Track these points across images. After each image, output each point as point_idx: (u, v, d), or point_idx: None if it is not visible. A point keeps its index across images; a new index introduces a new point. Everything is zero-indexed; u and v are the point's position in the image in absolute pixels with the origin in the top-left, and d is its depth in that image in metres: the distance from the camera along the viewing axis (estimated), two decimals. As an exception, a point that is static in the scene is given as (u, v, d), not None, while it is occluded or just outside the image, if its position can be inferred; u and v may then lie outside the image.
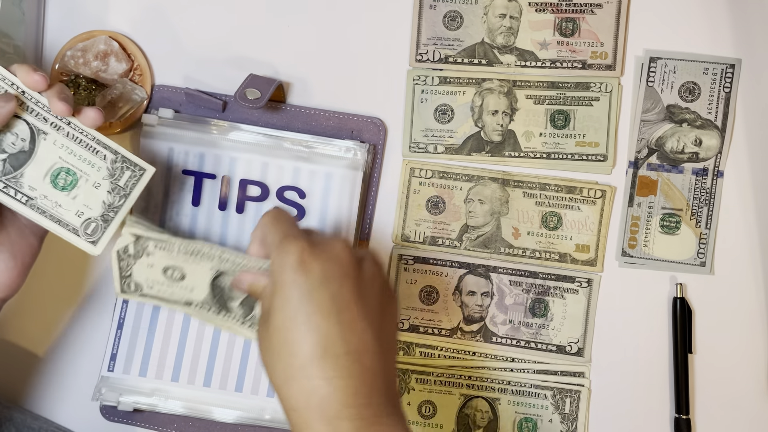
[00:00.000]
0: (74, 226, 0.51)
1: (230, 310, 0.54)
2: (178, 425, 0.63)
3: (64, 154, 0.50)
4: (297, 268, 0.42)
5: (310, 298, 0.41)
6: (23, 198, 0.50)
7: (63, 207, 0.50)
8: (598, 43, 0.64)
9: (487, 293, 0.64)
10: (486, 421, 0.63)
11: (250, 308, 0.53)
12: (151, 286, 0.54)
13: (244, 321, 0.54)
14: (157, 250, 0.52)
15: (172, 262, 0.52)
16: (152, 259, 0.52)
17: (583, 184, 0.64)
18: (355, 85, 0.65)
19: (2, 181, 0.49)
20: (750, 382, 0.63)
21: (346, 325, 0.41)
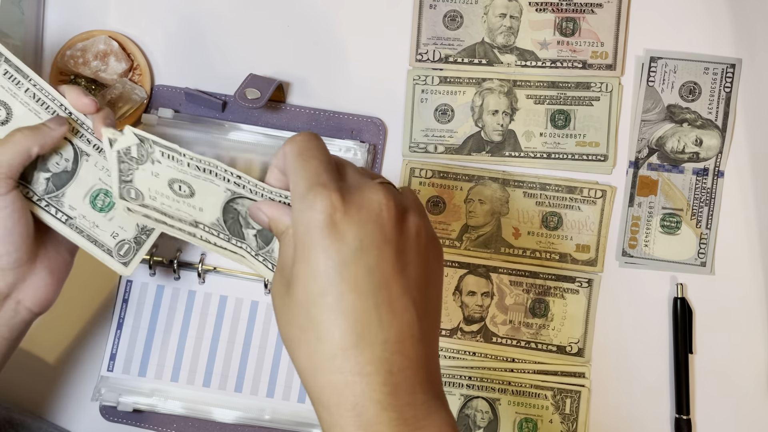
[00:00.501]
0: (108, 247, 0.51)
1: (244, 238, 0.46)
2: (177, 425, 0.62)
3: (104, 176, 0.51)
4: (327, 231, 0.34)
5: (343, 272, 0.33)
6: (63, 217, 0.50)
7: (100, 228, 0.51)
8: (599, 43, 0.64)
9: (487, 293, 0.64)
10: (486, 422, 0.63)
11: (266, 240, 0.45)
12: (154, 198, 0.48)
13: (258, 253, 0.46)
14: (165, 159, 0.46)
15: (180, 176, 0.46)
16: (158, 168, 0.47)
17: (584, 184, 0.63)
18: (355, 85, 0.65)
19: (44, 199, 0.50)
20: (750, 382, 0.63)
21: (385, 306, 0.34)
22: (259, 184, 0.43)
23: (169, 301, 0.63)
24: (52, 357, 0.64)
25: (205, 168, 0.45)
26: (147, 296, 0.63)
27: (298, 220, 0.35)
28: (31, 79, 0.49)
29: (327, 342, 0.33)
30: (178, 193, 0.47)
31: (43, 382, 0.64)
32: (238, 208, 0.46)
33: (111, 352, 0.62)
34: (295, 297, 0.34)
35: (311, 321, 0.34)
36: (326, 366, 0.33)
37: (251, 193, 0.44)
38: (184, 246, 0.63)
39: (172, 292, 0.63)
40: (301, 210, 0.35)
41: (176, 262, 0.62)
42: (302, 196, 0.35)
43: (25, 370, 0.64)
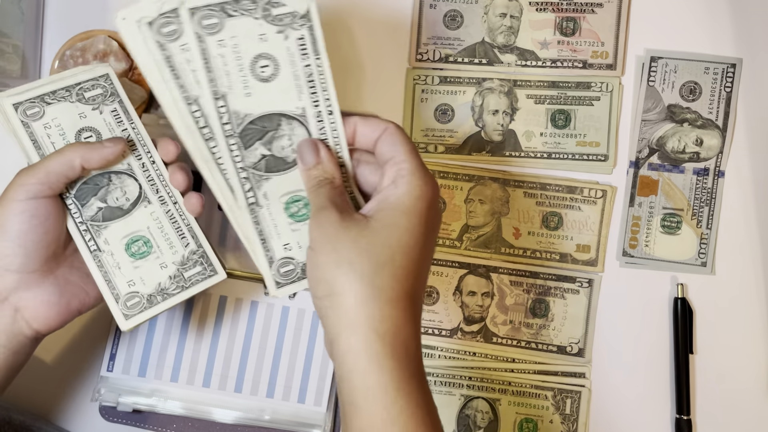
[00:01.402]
0: (118, 293, 0.49)
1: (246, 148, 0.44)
2: (177, 426, 0.62)
3: (153, 226, 0.50)
4: (432, 208, 0.42)
5: (428, 242, 0.42)
6: (93, 246, 0.49)
7: (121, 270, 0.49)
8: (599, 43, 0.64)
9: (487, 293, 0.64)
10: (486, 422, 0.63)
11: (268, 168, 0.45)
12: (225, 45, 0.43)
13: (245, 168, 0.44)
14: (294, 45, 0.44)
15: (286, 64, 0.44)
16: (276, 39, 0.43)
17: (584, 184, 0.63)
18: (355, 85, 0.65)
19: (86, 224, 0.49)
20: (751, 382, 0.63)
21: (426, 279, 0.43)
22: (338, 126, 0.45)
23: (169, 301, 0.63)
24: (52, 357, 0.64)
25: (314, 81, 0.44)
26: (147, 296, 0.63)
27: (412, 184, 0.42)
28: (133, 122, 0.49)
29: (401, 284, 0.40)
30: (254, 67, 0.43)
31: (43, 382, 0.64)
32: (282, 126, 0.44)
33: (111, 352, 0.62)
34: (384, 237, 0.41)
35: (393, 261, 0.40)
36: (395, 303, 0.40)
37: (318, 131, 0.45)
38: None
39: (171, 292, 0.63)
40: (417, 178, 0.42)
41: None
42: (422, 172, 0.43)
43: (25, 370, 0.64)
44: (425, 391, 0.40)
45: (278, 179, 0.45)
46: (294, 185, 0.45)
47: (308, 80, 0.44)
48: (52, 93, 0.49)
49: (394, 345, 0.39)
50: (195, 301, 0.62)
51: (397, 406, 0.39)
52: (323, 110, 0.45)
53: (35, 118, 0.48)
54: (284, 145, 0.45)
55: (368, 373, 0.39)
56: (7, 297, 0.47)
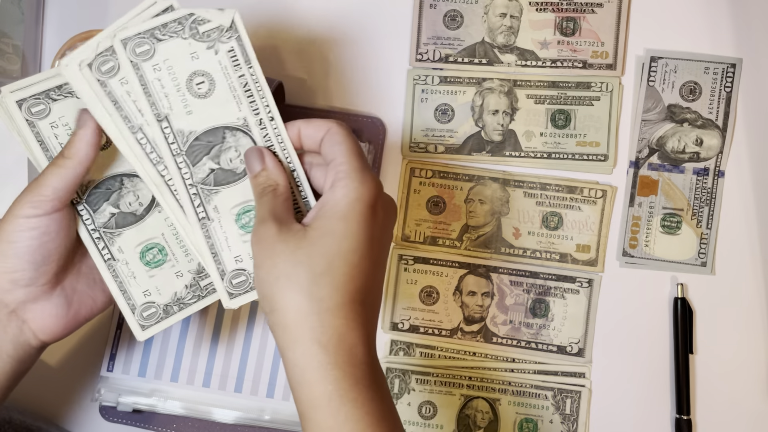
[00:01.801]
0: (134, 303, 0.48)
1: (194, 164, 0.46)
2: (177, 426, 0.62)
3: (168, 232, 0.49)
4: (371, 209, 0.42)
5: (371, 244, 0.42)
6: (107, 255, 0.48)
7: (136, 280, 0.48)
8: (599, 43, 0.64)
9: (487, 293, 0.64)
10: (486, 422, 0.63)
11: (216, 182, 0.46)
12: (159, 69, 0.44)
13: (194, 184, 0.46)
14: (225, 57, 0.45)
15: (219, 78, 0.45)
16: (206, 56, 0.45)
17: (584, 184, 0.63)
18: (355, 85, 0.65)
19: (99, 231, 0.48)
20: (751, 382, 0.63)
21: (379, 280, 0.43)
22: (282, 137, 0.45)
23: (169, 301, 0.63)
24: (52, 357, 0.64)
25: (252, 90, 0.45)
26: (147, 296, 0.63)
27: (348, 187, 0.42)
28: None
29: (342, 291, 0.40)
30: (190, 86, 0.45)
31: (43, 382, 0.64)
32: (227, 138, 0.46)
33: (111, 352, 0.62)
34: (321, 246, 0.40)
35: (331, 270, 0.40)
36: (336, 311, 0.40)
37: (263, 138, 0.45)
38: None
39: (172, 292, 0.63)
40: (353, 180, 0.42)
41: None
42: (358, 171, 0.42)
43: (25, 370, 0.64)
44: (376, 396, 0.40)
45: (228, 191, 0.46)
46: (244, 196, 0.46)
47: (245, 90, 0.45)
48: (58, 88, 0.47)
49: (337, 353, 0.39)
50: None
51: (342, 413, 0.39)
52: (264, 117, 0.45)
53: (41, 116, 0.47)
54: (232, 156, 0.46)
55: (313, 384, 0.39)
56: (15, 309, 0.47)
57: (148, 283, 0.49)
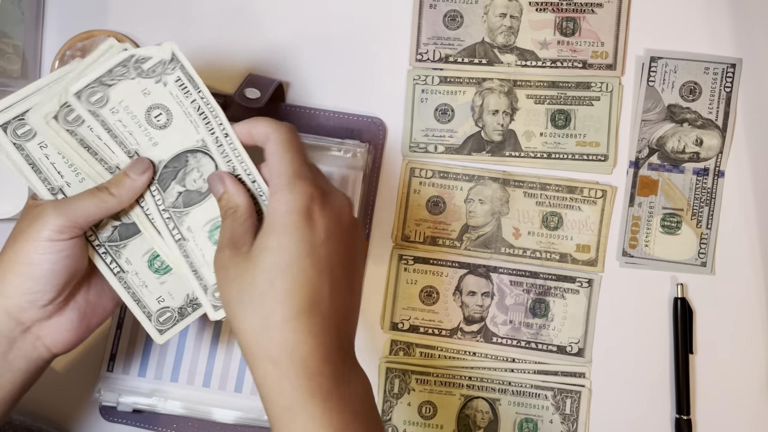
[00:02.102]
0: (150, 311, 0.49)
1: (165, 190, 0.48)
2: (177, 426, 0.62)
3: None
4: (305, 217, 0.41)
5: (311, 252, 0.41)
6: (116, 268, 0.49)
7: (148, 288, 0.49)
8: (599, 43, 0.64)
9: (487, 293, 0.64)
10: (486, 422, 0.63)
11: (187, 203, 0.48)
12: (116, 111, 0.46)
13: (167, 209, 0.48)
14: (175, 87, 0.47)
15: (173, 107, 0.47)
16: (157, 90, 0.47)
17: (584, 184, 0.63)
18: (355, 85, 0.65)
19: (104, 246, 0.48)
20: (751, 382, 0.63)
21: (336, 285, 0.42)
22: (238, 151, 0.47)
23: (169, 301, 0.63)
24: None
25: (204, 112, 0.47)
26: (147, 296, 0.63)
27: (281, 200, 0.42)
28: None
29: (287, 305, 0.40)
30: (150, 119, 0.47)
31: (43, 382, 0.64)
32: (189, 160, 0.48)
33: (111, 352, 0.62)
34: (260, 264, 0.41)
35: (274, 287, 0.40)
36: (282, 325, 0.40)
37: (221, 155, 0.47)
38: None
39: (172, 292, 0.63)
40: (285, 192, 0.42)
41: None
42: (289, 181, 0.42)
43: (25, 370, 0.64)
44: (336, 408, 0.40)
45: (197, 211, 0.48)
46: (212, 213, 0.48)
47: (199, 114, 0.47)
48: None
49: (288, 368, 0.40)
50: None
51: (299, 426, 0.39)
52: (219, 135, 0.47)
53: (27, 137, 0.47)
54: (195, 177, 0.48)
55: (272, 399, 0.40)
56: (30, 327, 0.47)
57: (160, 290, 0.50)
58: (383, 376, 0.63)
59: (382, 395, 0.63)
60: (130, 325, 0.62)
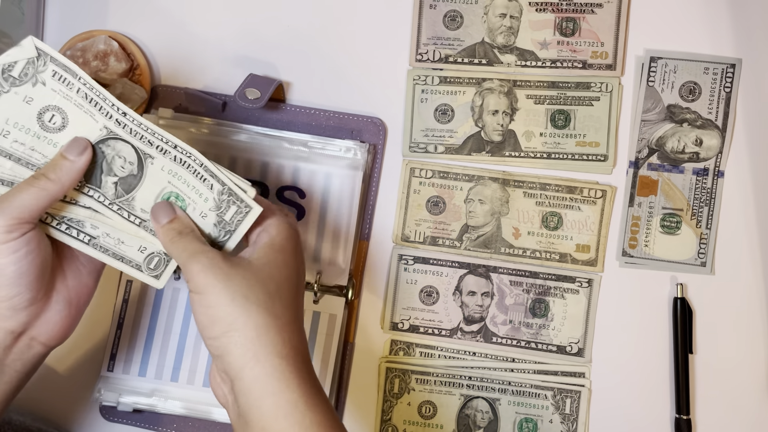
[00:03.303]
0: (137, 262, 0.48)
1: (101, 186, 0.47)
2: (177, 425, 0.62)
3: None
4: (299, 246, 0.48)
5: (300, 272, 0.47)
6: (85, 237, 0.48)
7: (126, 243, 0.48)
8: (599, 43, 0.64)
9: (487, 293, 0.64)
10: (486, 422, 0.63)
11: (127, 188, 0.47)
12: (7, 133, 0.44)
13: (114, 202, 0.47)
14: (53, 81, 0.44)
15: (61, 103, 0.44)
16: (37, 92, 0.44)
17: (584, 184, 0.63)
18: (355, 85, 0.65)
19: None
20: (750, 382, 0.63)
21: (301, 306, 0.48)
22: (145, 124, 0.45)
23: (169, 301, 0.63)
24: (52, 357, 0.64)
25: (93, 98, 0.45)
26: (147, 296, 0.63)
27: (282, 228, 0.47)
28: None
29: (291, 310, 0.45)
30: (45, 125, 0.45)
31: (43, 383, 0.64)
32: (105, 151, 0.46)
33: (111, 352, 0.62)
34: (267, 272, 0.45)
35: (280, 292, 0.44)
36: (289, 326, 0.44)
37: (131, 134, 0.46)
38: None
39: (172, 292, 0.63)
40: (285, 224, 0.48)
41: (176, 262, 0.62)
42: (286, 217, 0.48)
43: (25, 370, 0.64)
44: (328, 403, 0.44)
45: (142, 191, 0.47)
46: (156, 188, 0.47)
47: (89, 102, 0.45)
48: None
49: (296, 364, 0.43)
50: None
51: (308, 418, 0.41)
52: (117, 116, 0.46)
53: None
54: (121, 164, 0.47)
55: (279, 394, 0.41)
56: (23, 331, 0.46)
57: (138, 240, 0.48)
58: (383, 376, 0.64)
59: (382, 395, 0.63)
60: (131, 325, 0.62)
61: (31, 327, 0.47)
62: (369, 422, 0.64)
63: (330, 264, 0.62)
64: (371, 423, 0.63)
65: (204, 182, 0.47)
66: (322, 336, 0.61)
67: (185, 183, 0.47)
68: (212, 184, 0.47)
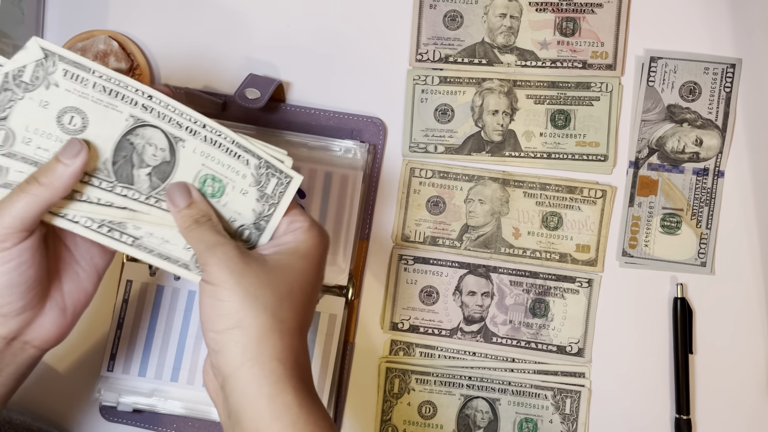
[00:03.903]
0: (184, 261, 0.46)
1: (133, 182, 0.45)
2: (177, 425, 0.62)
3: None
4: (323, 256, 0.47)
5: (317, 284, 0.46)
6: (129, 239, 0.46)
7: (171, 243, 0.46)
8: (599, 43, 0.64)
9: (487, 293, 0.64)
10: (486, 422, 0.63)
11: (162, 177, 0.45)
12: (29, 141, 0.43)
13: (150, 195, 0.45)
14: (66, 81, 0.42)
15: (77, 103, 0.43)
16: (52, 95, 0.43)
17: (584, 184, 0.63)
18: (355, 85, 0.65)
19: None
20: (750, 382, 0.63)
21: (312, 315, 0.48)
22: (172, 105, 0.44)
23: (169, 301, 0.63)
24: (52, 357, 0.64)
25: (113, 89, 0.43)
26: (147, 296, 0.63)
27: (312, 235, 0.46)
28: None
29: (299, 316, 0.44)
30: (65, 127, 0.43)
31: (43, 382, 0.64)
32: (134, 142, 0.44)
33: (111, 352, 0.62)
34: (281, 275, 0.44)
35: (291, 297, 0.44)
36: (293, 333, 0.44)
37: (159, 118, 0.44)
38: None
39: (172, 292, 0.63)
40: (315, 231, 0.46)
41: (176, 262, 0.62)
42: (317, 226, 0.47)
43: (25, 370, 0.64)
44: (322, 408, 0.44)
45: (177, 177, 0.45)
46: (191, 172, 0.46)
47: (109, 93, 0.43)
48: None
49: (293, 370, 0.43)
50: (195, 301, 0.62)
51: (301, 421, 0.42)
52: (142, 101, 0.44)
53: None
54: (152, 152, 0.45)
55: (274, 397, 0.42)
56: (14, 338, 0.45)
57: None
58: (383, 376, 0.64)
59: (382, 395, 0.63)
60: (130, 325, 0.62)
61: (23, 333, 0.46)
62: (369, 422, 0.63)
63: (330, 264, 0.62)
64: (371, 423, 0.63)
65: (239, 159, 0.46)
66: (322, 336, 0.61)
67: (219, 163, 0.46)
68: (248, 160, 0.46)
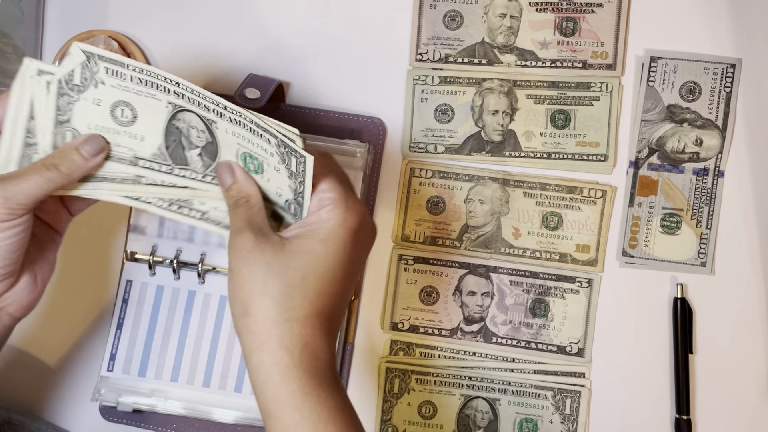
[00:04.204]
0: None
1: (188, 163, 0.48)
2: (177, 425, 0.62)
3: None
4: (353, 236, 0.44)
5: (346, 267, 0.44)
6: (197, 214, 0.49)
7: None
8: (599, 43, 0.64)
9: (487, 293, 0.64)
10: (486, 422, 0.63)
11: (212, 156, 0.47)
12: None
13: (205, 174, 0.48)
14: (110, 78, 0.45)
15: (124, 96, 0.46)
16: (102, 92, 0.46)
17: (584, 184, 0.63)
18: (355, 85, 0.65)
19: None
20: (750, 382, 0.63)
21: (347, 299, 0.46)
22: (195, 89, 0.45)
23: (169, 301, 0.63)
24: (52, 357, 0.64)
25: (147, 79, 0.45)
26: (147, 296, 0.63)
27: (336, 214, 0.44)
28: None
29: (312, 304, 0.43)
30: (119, 120, 0.46)
31: (43, 383, 0.64)
32: (179, 126, 0.47)
33: (111, 352, 0.62)
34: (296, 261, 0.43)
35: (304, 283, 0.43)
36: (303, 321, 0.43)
37: (191, 103, 0.46)
38: (184, 246, 0.63)
39: (172, 292, 0.63)
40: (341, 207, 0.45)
41: (176, 262, 0.62)
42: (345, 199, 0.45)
43: (25, 370, 0.64)
44: (338, 394, 0.43)
45: (223, 154, 0.47)
46: (231, 149, 0.47)
47: (146, 84, 0.46)
48: None
49: (302, 358, 0.42)
50: (195, 301, 0.62)
51: (307, 407, 0.42)
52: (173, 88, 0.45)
53: None
54: (197, 134, 0.47)
55: (279, 384, 0.42)
56: None
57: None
58: (383, 376, 0.64)
59: (382, 395, 0.63)
60: (130, 325, 0.62)
61: (2, 298, 0.48)
62: (369, 422, 0.63)
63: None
64: (371, 423, 0.63)
65: (262, 138, 0.46)
66: (322, 336, 0.61)
67: (249, 142, 0.47)
68: (269, 139, 0.46)
